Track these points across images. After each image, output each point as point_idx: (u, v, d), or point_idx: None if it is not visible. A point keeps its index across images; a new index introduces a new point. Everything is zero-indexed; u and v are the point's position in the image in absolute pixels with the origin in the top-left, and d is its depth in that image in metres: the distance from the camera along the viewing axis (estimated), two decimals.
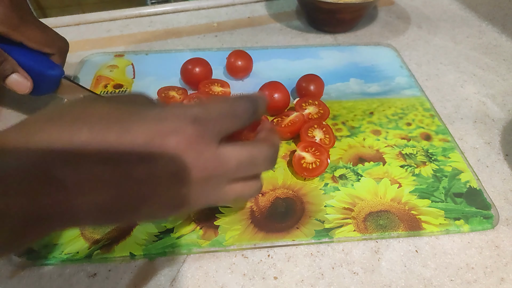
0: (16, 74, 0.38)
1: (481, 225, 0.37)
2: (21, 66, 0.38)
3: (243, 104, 0.28)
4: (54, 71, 0.40)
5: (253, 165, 0.28)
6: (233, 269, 0.34)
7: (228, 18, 0.66)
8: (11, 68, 0.37)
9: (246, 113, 0.28)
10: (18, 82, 0.38)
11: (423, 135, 0.46)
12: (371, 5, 0.60)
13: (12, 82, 0.38)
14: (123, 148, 0.22)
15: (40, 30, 0.39)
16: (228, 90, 0.49)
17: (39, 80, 0.39)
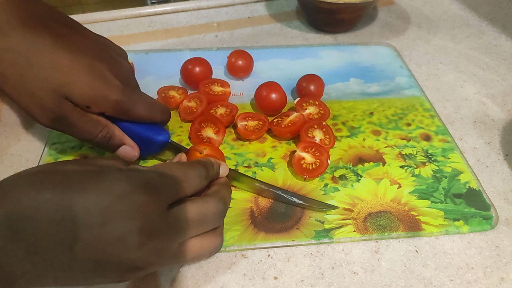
0: (124, 146, 0.38)
1: (480, 226, 0.37)
2: (129, 133, 0.38)
3: (196, 170, 0.30)
4: (161, 136, 0.40)
5: (203, 222, 0.29)
6: (233, 269, 0.34)
7: (228, 18, 0.66)
8: (120, 141, 0.37)
9: (198, 178, 0.30)
10: (126, 153, 0.38)
11: (423, 136, 0.46)
12: (371, 5, 0.60)
13: (121, 153, 0.38)
14: (75, 210, 0.23)
15: (147, 107, 0.38)
16: (228, 90, 0.49)
17: (147, 145, 0.39)
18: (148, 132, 0.39)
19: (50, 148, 0.43)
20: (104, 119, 0.36)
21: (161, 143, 0.39)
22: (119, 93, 0.35)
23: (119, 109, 0.35)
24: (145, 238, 0.25)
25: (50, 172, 0.25)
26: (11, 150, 0.43)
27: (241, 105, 0.48)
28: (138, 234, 0.24)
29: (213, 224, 0.30)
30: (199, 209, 0.28)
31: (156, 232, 0.25)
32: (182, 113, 0.46)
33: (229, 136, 0.45)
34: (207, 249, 0.30)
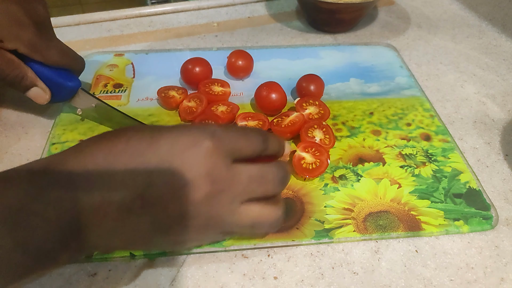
0: (36, 88, 0.41)
1: (480, 226, 0.37)
2: (42, 78, 0.41)
3: (255, 133, 0.31)
4: (72, 82, 0.43)
5: (264, 182, 0.30)
6: (233, 269, 0.34)
7: (228, 18, 0.66)
8: (31, 83, 0.40)
9: (257, 139, 0.31)
10: (37, 95, 0.41)
11: (423, 136, 0.46)
12: (371, 5, 0.60)
13: (31, 95, 0.41)
14: (149, 156, 0.26)
15: (60, 52, 0.41)
16: (228, 90, 0.49)
17: (58, 90, 0.42)
18: (60, 78, 0.41)
19: (50, 148, 0.43)
20: (18, 59, 0.39)
21: (71, 89, 0.43)
22: (31, 32, 0.38)
23: (32, 48, 0.38)
24: (210, 184, 0.26)
25: (123, 130, 0.28)
26: (11, 150, 0.43)
27: (241, 105, 0.48)
28: (205, 178, 0.26)
29: (274, 188, 0.30)
30: (260, 168, 0.29)
31: (220, 180, 0.27)
32: (182, 113, 0.46)
33: None
34: (267, 217, 0.30)
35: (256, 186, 0.29)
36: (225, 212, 0.28)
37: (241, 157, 0.29)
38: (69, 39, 0.60)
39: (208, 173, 0.26)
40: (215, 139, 0.27)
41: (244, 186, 0.28)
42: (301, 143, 0.42)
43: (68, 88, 0.43)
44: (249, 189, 0.29)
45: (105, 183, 0.25)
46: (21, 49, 0.38)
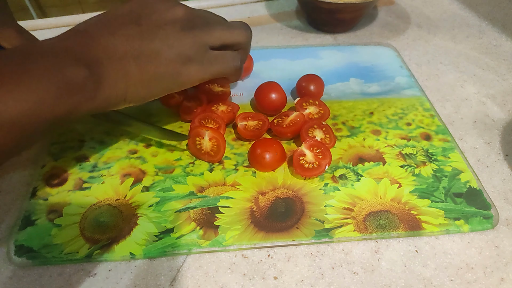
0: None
1: (481, 225, 0.37)
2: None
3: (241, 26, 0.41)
4: None
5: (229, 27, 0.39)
6: (233, 269, 0.34)
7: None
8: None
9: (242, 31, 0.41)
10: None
11: (423, 135, 0.46)
12: (371, 5, 0.60)
13: None
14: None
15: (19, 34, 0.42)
16: (228, 89, 0.49)
17: None
18: None
19: (50, 148, 0.43)
20: None
21: None
22: None
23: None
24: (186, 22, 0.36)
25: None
26: None
27: (241, 105, 0.48)
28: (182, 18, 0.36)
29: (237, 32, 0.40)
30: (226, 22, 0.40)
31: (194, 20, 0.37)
32: (182, 113, 0.46)
33: (229, 136, 0.45)
34: (230, 58, 0.39)
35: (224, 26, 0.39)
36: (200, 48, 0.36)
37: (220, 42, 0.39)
38: None
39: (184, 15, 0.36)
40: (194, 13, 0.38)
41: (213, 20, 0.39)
42: (308, 140, 0.41)
43: None
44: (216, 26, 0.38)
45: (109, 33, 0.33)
46: None
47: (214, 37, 0.37)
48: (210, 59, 0.37)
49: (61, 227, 0.36)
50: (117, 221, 0.37)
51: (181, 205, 0.38)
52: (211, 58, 0.37)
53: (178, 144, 0.44)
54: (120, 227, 0.36)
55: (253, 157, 0.41)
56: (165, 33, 0.34)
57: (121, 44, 0.33)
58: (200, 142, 0.41)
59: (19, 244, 0.35)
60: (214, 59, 0.37)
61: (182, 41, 0.35)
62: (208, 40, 0.37)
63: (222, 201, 0.38)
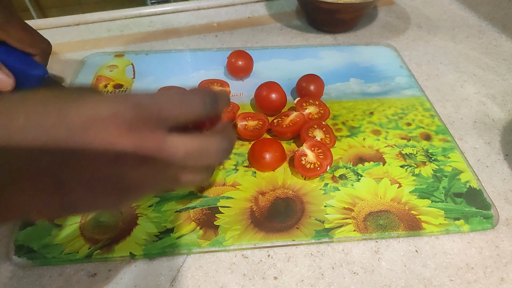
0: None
1: (481, 225, 0.37)
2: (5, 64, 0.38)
3: (198, 96, 0.27)
4: (37, 70, 0.40)
5: (203, 156, 0.26)
6: (233, 269, 0.34)
7: (228, 18, 0.66)
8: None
9: (201, 104, 0.27)
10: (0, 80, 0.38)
11: (423, 135, 0.46)
12: (371, 5, 0.60)
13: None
14: (59, 134, 0.21)
15: (24, 30, 0.40)
16: (228, 89, 0.49)
17: (22, 79, 0.39)
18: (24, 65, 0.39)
19: None
20: None
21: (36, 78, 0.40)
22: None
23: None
24: (140, 162, 0.23)
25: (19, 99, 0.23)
26: None
27: (241, 105, 0.48)
28: (132, 155, 0.23)
29: (214, 161, 0.27)
30: (201, 142, 0.26)
31: (151, 156, 0.24)
32: None
33: None
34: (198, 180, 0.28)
35: (194, 161, 0.26)
36: (157, 179, 0.25)
37: (179, 125, 0.25)
38: (69, 39, 0.60)
39: (135, 148, 0.23)
40: (139, 109, 0.23)
41: (181, 161, 0.25)
42: (309, 140, 0.41)
43: (33, 77, 0.40)
44: (186, 163, 0.26)
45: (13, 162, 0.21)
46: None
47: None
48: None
49: (61, 227, 0.36)
50: (117, 221, 0.37)
51: (181, 205, 0.38)
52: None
53: None
54: (120, 227, 0.36)
55: (253, 157, 0.41)
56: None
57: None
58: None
59: (19, 244, 0.35)
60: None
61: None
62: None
63: (222, 201, 0.38)
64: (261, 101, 0.47)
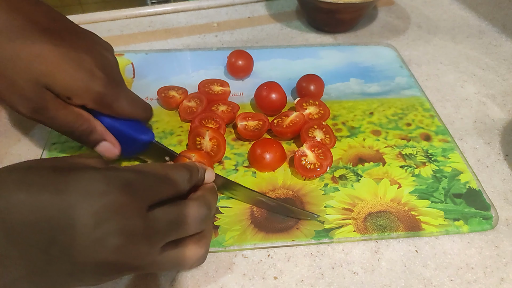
0: (105, 142, 0.37)
1: (480, 226, 0.37)
2: (112, 130, 0.37)
3: (179, 172, 0.29)
4: (145, 135, 0.39)
5: (183, 225, 0.28)
6: (233, 269, 0.34)
7: (228, 18, 0.66)
8: (100, 137, 0.37)
9: (180, 180, 0.29)
10: (106, 149, 0.38)
11: (423, 136, 0.46)
12: (371, 5, 0.60)
13: (100, 149, 0.37)
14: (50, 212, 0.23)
15: (129, 103, 0.37)
16: (228, 89, 0.49)
17: (129, 143, 0.39)
18: (131, 130, 0.38)
19: (50, 148, 0.43)
20: (86, 113, 0.36)
21: (144, 142, 0.39)
22: (101, 85, 0.34)
23: (101, 102, 0.35)
24: (124, 240, 0.24)
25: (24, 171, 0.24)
26: (11, 150, 0.43)
27: (241, 105, 0.48)
28: (117, 236, 0.24)
29: (195, 229, 0.29)
30: (179, 211, 0.27)
31: (135, 234, 0.25)
32: (182, 113, 0.46)
33: (229, 136, 0.45)
34: (187, 259, 0.29)
35: (175, 231, 0.27)
36: (142, 261, 0.26)
37: (160, 200, 0.27)
38: None
39: (120, 229, 0.24)
40: (127, 191, 0.25)
41: (163, 234, 0.26)
42: (309, 141, 0.41)
43: (140, 142, 0.39)
44: (168, 234, 0.27)
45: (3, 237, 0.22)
46: (89, 105, 0.35)
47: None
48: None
49: None
50: None
51: None
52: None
53: (178, 144, 0.44)
54: None
55: (253, 157, 0.41)
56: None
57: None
58: (200, 142, 0.41)
59: None
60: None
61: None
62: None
63: (222, 201, 0.38)
64: (261, 101, 0.47)
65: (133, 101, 0.38)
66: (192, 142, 0.42)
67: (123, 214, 0.24)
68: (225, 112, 0.46)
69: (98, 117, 0.37)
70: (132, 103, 0.38)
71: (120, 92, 0.37)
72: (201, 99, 0.47)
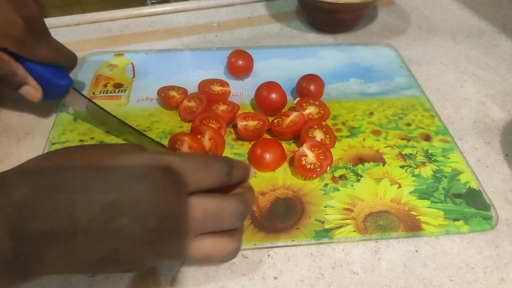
0: (27, 86, 0.40)
1: (480, 226, 0.37)
2: (34, 75, 0.40)
3: (219, 163, 0.28)
4: (64, 81, 0.43)
5: (220, 219, 0.27)
6: (233, 269, 0.34)
7: (228, 18, 0.66)
8: (22, 80, 0.40)
9: (221, 171, 0.28)
10: (29, 93, 0.41)
11: (423, 136, 0.46)
12: (371, 5, 0.60)
13: (24, 92, 0.41)
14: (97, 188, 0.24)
15: (51, 49, 0.41)
16: (228, 89, 0.49)
17: (50, 88, 0.42)
18: (51, 76, 0.41)
19: (50, 148, 0.43)
20: (8, 56, 0.38)
21: (62, 88, 0.42)
22: (20, 30, 0.37)
23: (21, 46, 0.37)
24: (159, 221, 0.24)
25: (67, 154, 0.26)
26: (11, 150, 0.43)
27: (241, 105, 0.48)
28: (153, 215, 0.24)
29: (231, 224, 0.28)
30: (218, 204, 0.27)
31: (170, 217, 0.24)
32: (182, 113, 0.46)
33: (229, 136, 0.45)
34: (219, 251, 0.28)
35: (211, 223, 0.27)
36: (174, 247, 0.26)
37: (199, 189, 0.27)
38: (69, 39, 0.60)
39: (156, 209, 0.24)
40: (169, 171, 0.25)
41: (198, 223, 0.26)
42: (309, 141, 0.41)
43: (59, 87, 0.42)
44: (203, 225, 0.26)
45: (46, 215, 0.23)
46: (10, 48, 0.37)
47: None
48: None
49: None
50: None
51: None
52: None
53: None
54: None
55: (253, 157, 0.41)
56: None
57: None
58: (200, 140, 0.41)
59: None
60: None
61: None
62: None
63: None
64: (261, 101, 0.47)
65: (54, 47, 0.41)
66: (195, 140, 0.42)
67: (162, 194, 0.24)
68: (225, 112, 0.46)
69: (20, 61, 0.39)
70: (53, 49, 0.41)
71: (41, 38, 0.39)
72: (201, 99, 0.47)
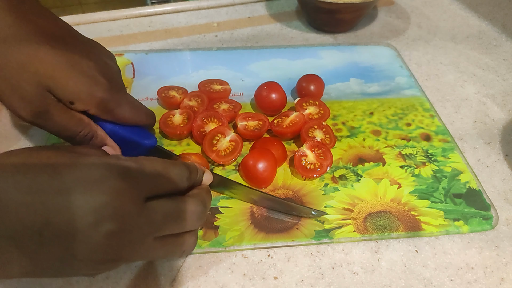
0: (105, 147, 0.37)
1: (480, 226, 0.37)
2: (114, 136, 0.37)
3: (179, 168, 0.29)
4: (148, 140, 0.39)
5: (179, 219, 0.28)
6: (233, 269, 0.34)
7: (228, 18, 0.66)
8: (101, 142, 0.37)
9: (180, 177, 0.29)
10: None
11: (423, 136, 0.46)
12: (371, 5, 0.60)
13: None
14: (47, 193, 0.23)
15: (131, 109, 0.38)
16: (228, 87, 0.49)
17: (133, 149, 0.39)
18: (134, 135, 0.38)
19: None
20: (87, 118, 0.36)
21: (147, 147, 0.39)
22: (103, 90, 0.35)
23: (103, 107, 0.35)
24: (117, 227, 0.24)
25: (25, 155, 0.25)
26: None
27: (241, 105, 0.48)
28: (111, 221, 0.24)
29: (191, 225, 0.29)
30: (177, 205, 0.28)
31: (130, 222, 0.25)
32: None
33: None
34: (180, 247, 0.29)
35: (171, 225, 0.28)
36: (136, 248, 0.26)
37: (159, 194, 0.27)
38: None
39: (114, 213, 0.24)
40: (126, 178, 0.25)
41: (158, 225, 0.27)
42: (309, 141, 0.41)
43: (143, 147, 0.39)
44: (163, 227, 0.27)
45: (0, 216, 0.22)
46: (92, 110, 0.35)
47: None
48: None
49: None
50: None
51: None
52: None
53: (178, 144, 0.44)
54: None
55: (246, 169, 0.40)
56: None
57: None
58: (218, 139, 0.41)
59: None
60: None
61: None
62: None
63: (222, 201, 0.39)
64: (261, 101, 0.47)
65: (135, 107, 0.38)
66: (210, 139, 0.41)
67: (119, 200, 0.24)
68: (226, 111, 0.46)
69: (100, 123, 0.37)
70: (134, 109, 0.38)
71: (122, 98, 0.37)
72: (202, 98, 0.47)
